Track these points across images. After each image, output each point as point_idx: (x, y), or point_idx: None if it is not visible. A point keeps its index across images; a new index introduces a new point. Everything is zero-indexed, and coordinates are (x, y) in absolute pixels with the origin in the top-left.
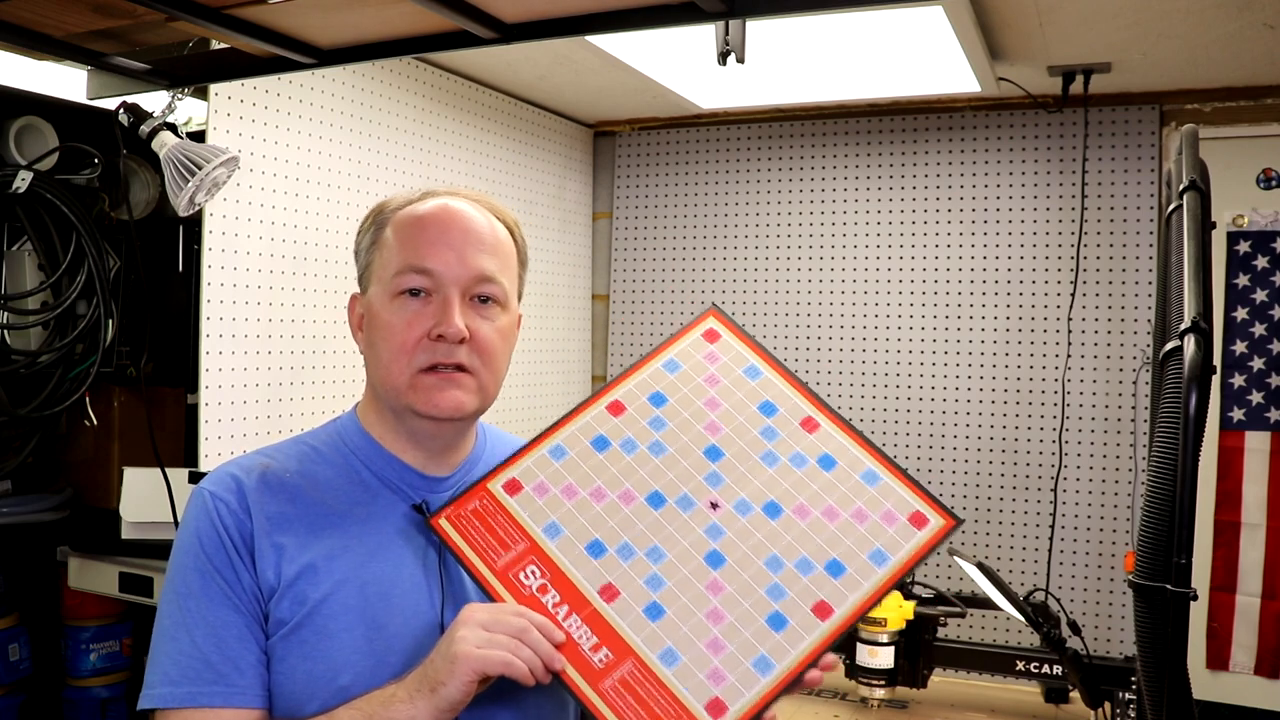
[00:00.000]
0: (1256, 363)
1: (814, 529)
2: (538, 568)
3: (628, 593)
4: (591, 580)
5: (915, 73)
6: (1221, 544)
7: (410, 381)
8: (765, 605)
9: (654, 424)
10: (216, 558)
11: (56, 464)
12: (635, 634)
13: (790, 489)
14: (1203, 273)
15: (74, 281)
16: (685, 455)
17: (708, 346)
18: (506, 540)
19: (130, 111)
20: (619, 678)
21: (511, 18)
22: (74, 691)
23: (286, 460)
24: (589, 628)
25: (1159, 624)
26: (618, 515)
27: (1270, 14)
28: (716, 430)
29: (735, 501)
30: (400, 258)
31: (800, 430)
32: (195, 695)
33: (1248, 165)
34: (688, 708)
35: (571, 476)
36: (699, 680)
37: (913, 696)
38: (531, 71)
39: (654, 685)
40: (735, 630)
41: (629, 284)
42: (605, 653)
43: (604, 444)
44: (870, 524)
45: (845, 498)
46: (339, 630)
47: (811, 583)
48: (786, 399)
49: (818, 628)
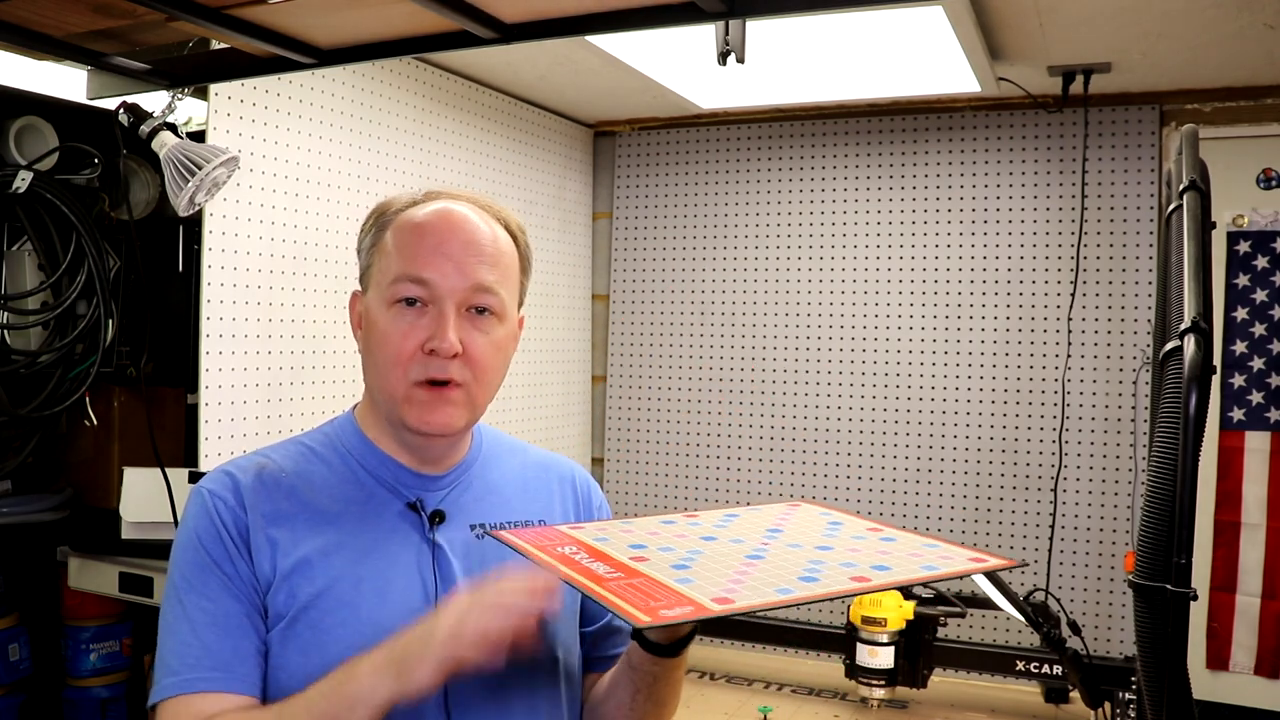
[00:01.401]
0: (1256, 363)
1: (865, 554)
2: (576, 547)
3: (657, 560)
4: (626, 556)
5: (915, 73)
6: (1221, 544)
7: (405, 394)
8: (800, 570)
9: (722, 521)
10: (215, 552)
11: (56, 464)
12: (658, 573)
13: (846, 540)
14: (1203, 273)
15: (74, 281)
16: (745, 528)
17: (788, 508)
18: (558, 541)
19: (130, 111)
20: (625, 582)
21: (511, 18)
22: (74, 691)
23: (283, 460)
24: (611, 568)
25: (1159, 624)
26: (668, 539)
27: (1270, 14)
28: (782, 524)
29: (788, 544)
30: (398, 265)
31: (865, 530)
32: (194, 681)
33: (1248, 165)
34: (694, 598)
35: (633, 526)
36: (710, 590)
37: (913, 696)
38: (531, 71)
39: (663, 589)
40: (761, 577)
41: (629, 284)
42: (619, 575)
43: (670, 521)
44: (925, 558)
45: (902, 548)
46: (333, 626)
47: (854, 570)
48: (855, 521)
49: (848, 585)
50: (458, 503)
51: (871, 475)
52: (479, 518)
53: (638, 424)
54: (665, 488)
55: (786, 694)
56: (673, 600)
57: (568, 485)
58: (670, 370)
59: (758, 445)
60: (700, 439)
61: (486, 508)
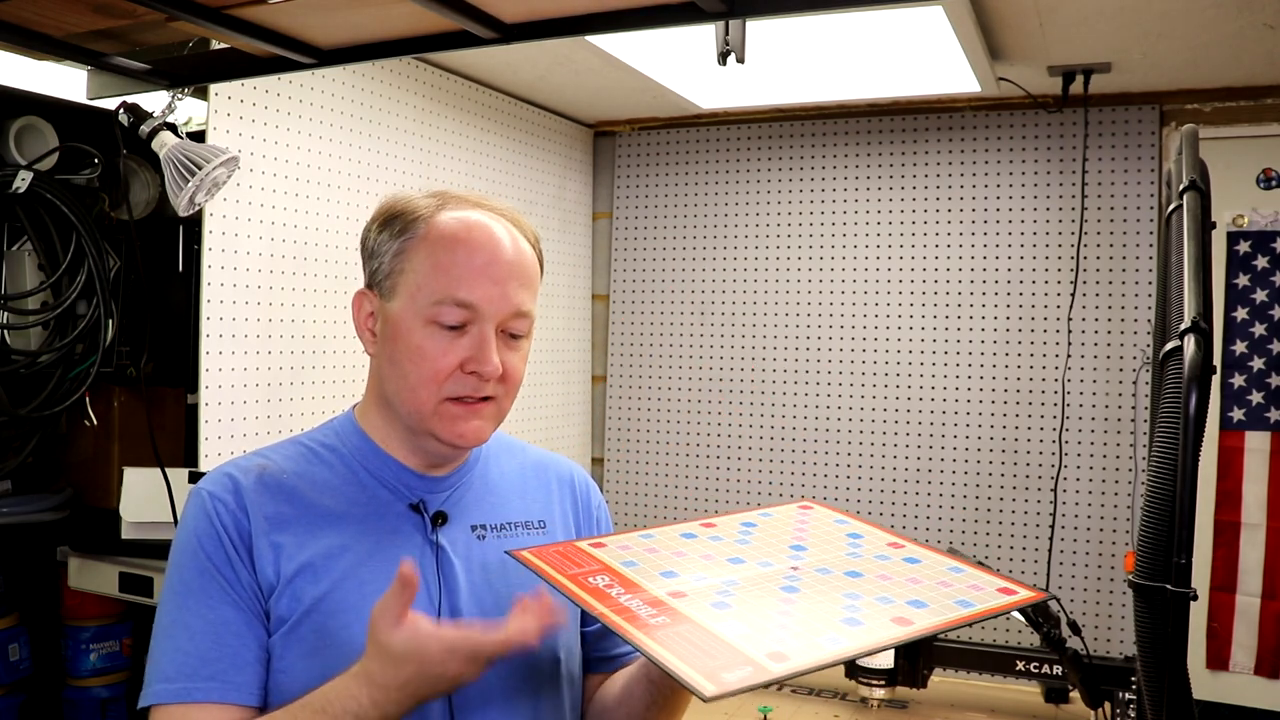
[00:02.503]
0: (1256, 363)
1: (896, 583)
2: (608, 577)
3: (695, 594)
4: (661, 588)
5: (915, 73)
6: (1221, 544)
7: (436, 409)
8: (840, 610)
9: (742, 533)
10: (215, 556)
11: (56, 464)
12: (700, 614)
13: (872, 563)
14: (1203, 273)
15: (74, 281)
16: (768, 543)
17: (801, 513)
18: (582, 564)
19: (130, 111)
20: (673, 630)
21: (511, 18)
22: (74, 691)
23: (284, 461)
24: (650, 607)
25: (1159, 624)
26: (696, 561)
27: (1270, 14)
28: (802, 536)
29: (816, 567)
30: (440, 285)
31: (886, 546)
32: (190, 691)
33: (1248, 165)
34: (750, 656)
35: (656, 544)
36: (762, 643)
37: (913, 696)
38: (531, 71)
39: (713, 639)
40: (805, 621)
41: (629, 284)
42: (663, 619)
43: (691, 535)
44: (955, 588)
45: (929, 574)
46: (338, 629)
47: (891, 606)
48: (874, 533)
49: (892, 630)
50: (459, 503)
51: (871, 475)
52: (479, 518)
53: (638, 424)
54: (665, 488)
55: (786, 694)
56: (728, 658)
57: (566, 485)
58: (670, 370)
59: (758, 445)
60: (700, 439)
61: (487, 508)
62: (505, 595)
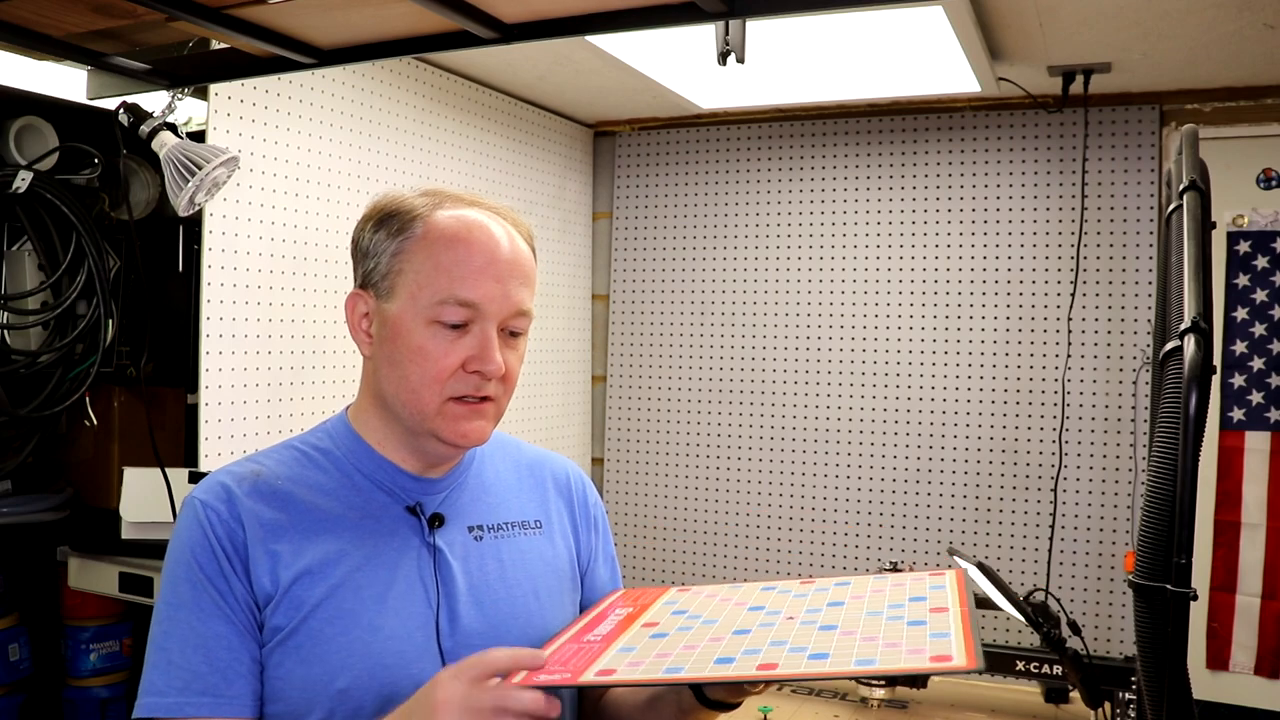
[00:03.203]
0: (1256, 363)
1: (841, 640)
2: (633, 607)
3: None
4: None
5: (915, 73)
6: (1221, 544)
7: (438, 409)
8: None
9: (809, 605)
10: (208, 567)
11: (56, 464)
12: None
13: (862, 622)
14: (1203, 273)
15: (74, 281)
16: (816, 599)
17: (931, 579)
18: (639, 601)
19: (130, 111)
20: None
21: (511, 18)
22: (74, 691)
23: (278, 466)
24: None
25: (1159, 624)
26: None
27: (1270, 14)
28: (859, 599)
29: (803, 621)
30: (442, 285)
31: (926, 610)
32: (182, 705)
33: (1248, 165)
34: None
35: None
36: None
37: (913, 696)
38: (531, 71)
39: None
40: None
41: (629, 284)
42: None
43: (758, 609)
44: (892, 649)
45: (897, 633)
46: (335, 634)
47: (775, 652)
48: (944, 596)
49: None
50: (455, 504)
51: (871, 475)
52: (476, 519)
53: (638, 424)
54: (665, 488)
55: (786, 694)
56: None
57: (562, 484)
58: (670, 370)
59: (758, 445)
60: (700, 439)
61: (483, 509)
62: (503, 597)
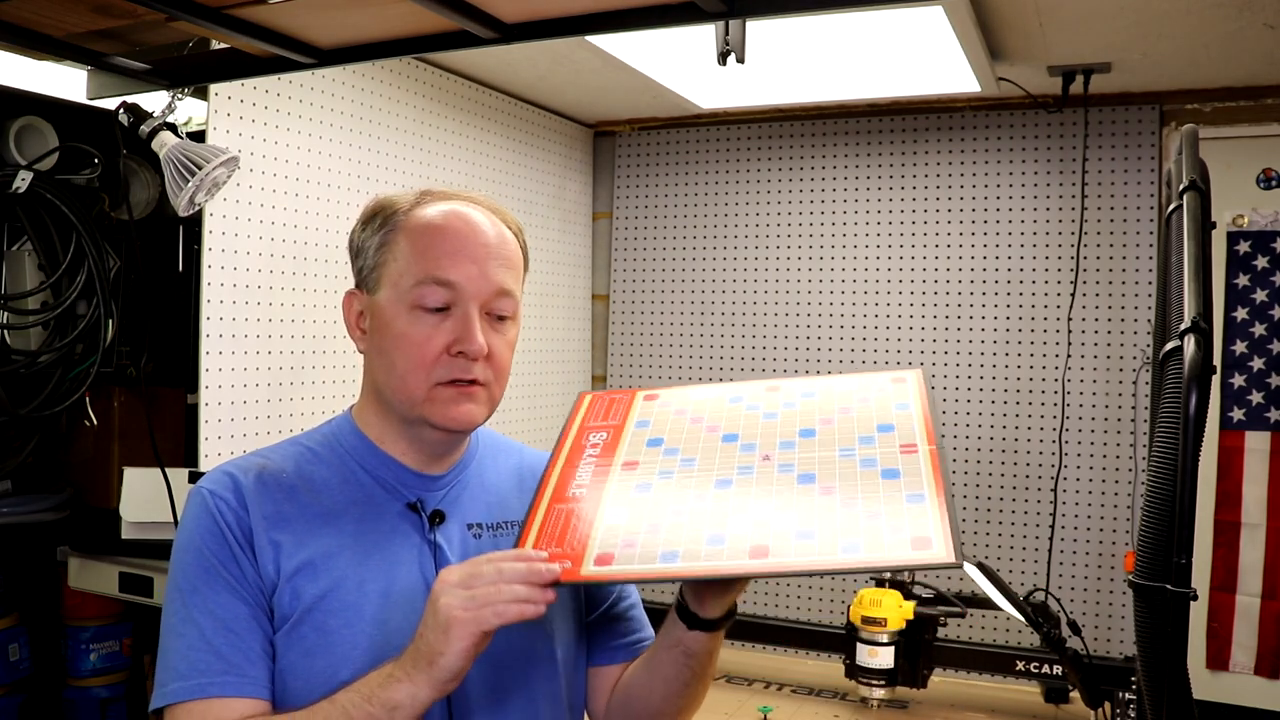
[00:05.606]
0: (1256, 363)
1: (824, 502)
2: (607, 434)
3: (642, 467)
4: (625, 457)
5: (915, 73)
6: (1221, 544)
7: (427, 394)
8: (735, 522)
9: (783, 405)
10: (220, 553)
11: (56, 464)
12: (605, 499)
13: (838, 468)
14: (1203, 273)
15: (74, 281)
16: (785, 422)
17: (893, 385)
18: (609, 416)
19: (130, 111)
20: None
21: (511, 18)
22: (74, 691)
23: (282, 461)
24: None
25: (1159, 624)
26: (694, 433)
27: (1270, 14)
28: (830, 420)
29: (782, 463)
30: (420, 267)
31: (896, 450)
32: (206, 686)
33: (1248, 165)
34: (585, 549)
35: (694, 408)
36: (617, 539)
37: (913, 696)
38: (531, 71)
39: (576, 531)
40: (687, 527)
41: (629, 284)
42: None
43: (737, 399)
44: (873, 524)
45: (879, 499)
46: (338, 627)
47: (774, 531)
48: (910, 421)
49: (742, 562)
50: (456, 502)
51: None
52: (475, 517)
53: None
54: None
55: (786, 694)
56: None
57: None
58: (670, 370)
59: None
60: None
61: (482, 507)
62: None
